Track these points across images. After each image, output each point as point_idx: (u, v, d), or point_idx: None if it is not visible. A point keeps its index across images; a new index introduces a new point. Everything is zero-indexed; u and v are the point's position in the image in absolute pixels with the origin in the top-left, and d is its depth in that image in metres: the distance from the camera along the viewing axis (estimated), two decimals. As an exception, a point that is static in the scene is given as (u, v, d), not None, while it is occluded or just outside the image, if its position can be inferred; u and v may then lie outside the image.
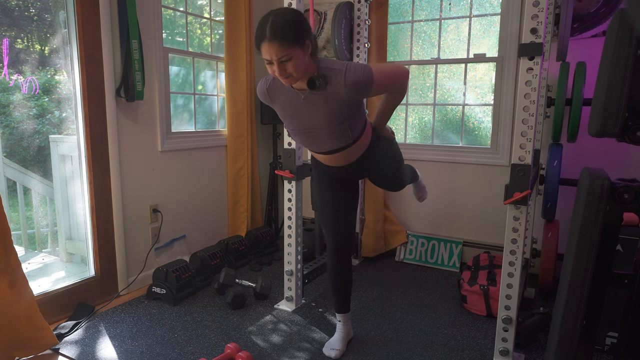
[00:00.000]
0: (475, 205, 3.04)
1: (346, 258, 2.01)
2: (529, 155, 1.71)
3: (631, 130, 0.98)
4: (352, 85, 1.56)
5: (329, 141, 1.72)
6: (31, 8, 2.63)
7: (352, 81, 1.56)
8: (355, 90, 1.58)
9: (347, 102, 1.62)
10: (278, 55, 1.48)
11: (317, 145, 1.77)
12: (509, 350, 1.86)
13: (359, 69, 1.56)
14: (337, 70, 1.58)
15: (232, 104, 3.18)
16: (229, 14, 3.08)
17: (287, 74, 1.53)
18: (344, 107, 1.63)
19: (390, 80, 1.63)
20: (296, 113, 1.70)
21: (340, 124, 1.66)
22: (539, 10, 1.62)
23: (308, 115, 1.67)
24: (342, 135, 1.69)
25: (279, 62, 1.50)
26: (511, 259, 1.80)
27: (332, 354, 1.94)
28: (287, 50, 1.47)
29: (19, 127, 2.82)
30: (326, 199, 1.97)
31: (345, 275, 2.03)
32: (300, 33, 1.50)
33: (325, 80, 1.59)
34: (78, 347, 2.01)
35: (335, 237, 1.98)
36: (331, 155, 1.79)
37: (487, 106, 3.01)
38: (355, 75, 1.56)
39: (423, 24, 3.16)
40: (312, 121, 1.68)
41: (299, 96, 1.66)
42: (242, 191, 3.32)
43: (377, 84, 1.59)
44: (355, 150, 1.78)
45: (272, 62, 1.51)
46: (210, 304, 2.46)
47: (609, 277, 1.04)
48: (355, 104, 1.66)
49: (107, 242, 2.48)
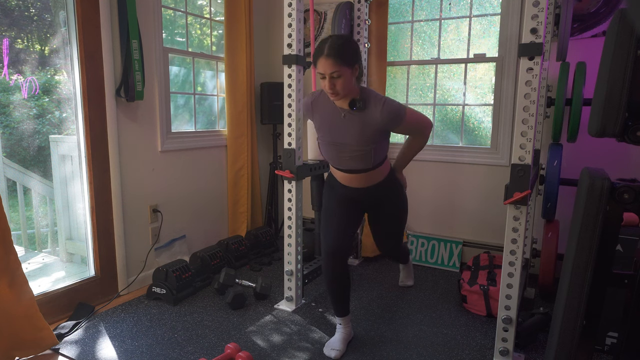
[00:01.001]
0: (475, 205, 3.04)
1: (343, 265, 2.00)
2: (529, 155, 1.71)
3: (631, 130, 0.98)
4: (387, 113, 1.81)
5: (352, 159, 1.92)
6: (31, 8, 2.63)
7: (389, 110, 1.81)
8: (389, 118, 1.82)
9: (379, 128, 1.84)
10: (331, 70, 1.73)
11: (341, 161, 1.96)
12: (509, 350, 1.86)
13: (396, 103, 1.84)
14: (377, 99, 1.84)
15: (232, 104, 3.18)
16: (229, 14, 3.08)
17: (335, 90, 1.77)
18: (375, 132, 1.85)
19: (418, 124, 1.92)
20: (333, 127, 1.92)
21: (367, 145, 1.87)
22: (539, 10, 1.62)
23: (343, 131, 1.89)
24: (366, 158, 1.90)
25: (330, 77, 1.74)
26: (511, 259, 1.80)
27: (332, 354, 1.94)
28: (339, 67, 1.72)
29: (19, 127, 2.82)
30: (334, 213, 2.05)
31: (342, 281, 2.02)
32: (352, 56, 1.77)
33: (365, 104, 1.83)
34: (78, 347, 2.01)
35: (334, 243, 2.00)
36: (350, 175, 1.98)
37: (487, 106, 3.01)
38: (392, 106, 1.82)
39: (423, 24, 3.16)
40: (344, 137, 1.89)
41: (339, 113, 1.90)
42: (242, 191, 3.32)
43: (408, 120, 1.86)
44: (372, 177, 1.97)
45: (325, 76, 1.75)
46: (210, 304, 2.46)
47: (609, 277, 1.04)
48: (384, 133, 1.89)
49: (107, 242, 2.48)
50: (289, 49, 2.23)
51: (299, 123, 2.31)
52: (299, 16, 2.20)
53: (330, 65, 1.72)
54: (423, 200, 3.19)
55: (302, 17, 2.23)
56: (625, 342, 1.10)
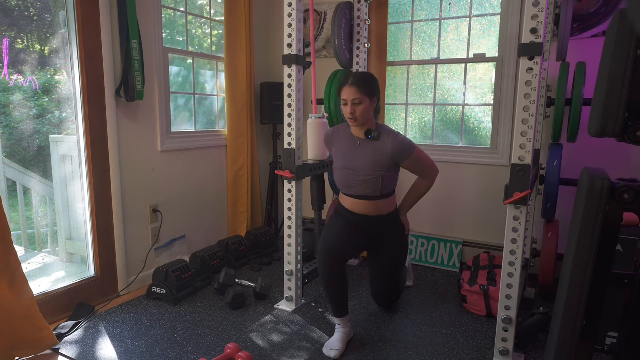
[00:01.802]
0: (475, 205, 3.04)
1: (341, 268, 2.01)
2: (529, 155, 1.71)
3: (631, 130, 0.98)
4: (398, 144, 2.03)
5: (362, 184, 2.08)
6: (31, 8, 2.63)
7: (400, 142, 2.03)
8: (399, 150, 2.02)
9: (389, 157, 2.04)
10: (353, 97, 1.97)
11: (351, 186, 2.12)
12: (509, 350, 1.86)
13: (407, 140, 2.06)
14: (390, 132, 2.07)
15: (232, 104, 3.18)
16: (229, 14, 3.08)
17: (355, 116, 2.00)
18: (384, 163, 2.05)
19: (426, 163, 2.13)
20: (348, 153, 2.12)
21: (378, 171, 2.05)
22: (539, 10, 1.62)
23: (356, 157, 2.09)
24: (375, 184, 2.07)
25: (352, 103, 1.98)
26: (511, 259, 1.80)
27: (332, 354, 1.94)
28: (360, 95, 1.97)
29: (19, 127, 2.82)
30: (337, 226, 2.14)
31: (339, 281, 2.01)
32: (373, 88, 2.02)
33: (379, 134, 2.06)
34: (78, 347, 2.01)
35: (331, 246, 2.01)
36: (358, 201, 2.13)
37: (487, 106, 3.01)
38: (403, 141, 2.04)
39: (423, 24, 3.16)
40: (357, 162, 2.08)
41: (355, 141, 2.12)
42: (242, 191, 3.32)
43: (416, 157, 2.07)
44: (379, 206, 2.12)
45: (347, 103, 1.99)
46: (210, 304, 2.46)
47: (609, 277, 1.04)
48: (393, 164, 2.07)
49: (107, 242, 2.48)
50: (289, 49, 2.23)
51: (299, 123, 2.31)
52: (299, 16, 2.20)
53: (353, 93, 1.96)
54: (423, 200, 3.17)
55: (302, 17, 2.23)
56: (625, 342, 1.10)
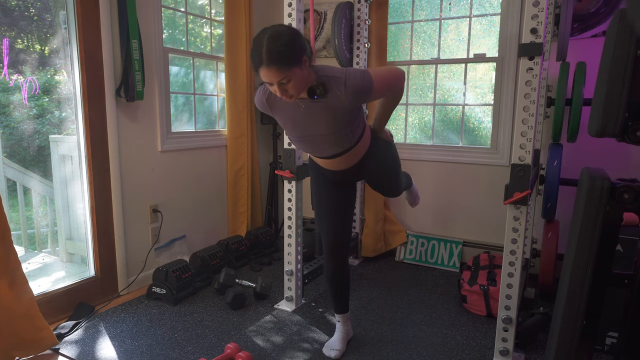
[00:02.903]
0: (475, 205, 3.04)
1: (343, 260, 2.00)
2: (529, 155, 1.71)
3: (631, 130, 0.98)
4: (352, 92, 1.56)
5: (330, 147, 1.74)
6: (31, 8, 2.63)
7: (353, 89, 1.55)
8: (356, 97, 1.58)
9: (347, 109, 1.62)
10: (277, 79, 1.48)
11: (319, 151, 1.79)
12: (509, 350, 1.86)
13: (358, 75, 1.56)
14: (336, 78, 1.58)
15: (232, 104, 3.18)
16: (229, 14, 3.08)
17: (288, 94, 1.53)
18: (344, 114, 1.63)
19: (389, 83, 1.63)
20: (297, 122, 1.70)
21: (341, 130, 1.67)
22: (539, 10, 1.62)
23: (309, 124, 1.68)
24: (344, 140, 1.71)
25: (279, 84, 1.50)
26: (511, 259, 1.80)
27: (332, 354, 1.94)
28: (286, 72, 1.47)
29: (19, 127, 2.82)
30: (323, 197, 1.96)
31: (342, 278, 2.01)
32: (296, 54, 1.48)
33: (325, 89, 1.58)
34: (78, 347, 2.01)
35: (332, 237, 1.96)
36: (331, 160, 1.81)
37: (487, 106, 3.01)
38: (355, 82, 1.55)
39: (423, 24, 3.16)
40: (313, 129, 1.68)
41: (299, 106, 1.67)
42: (242, 191, 3.32)
43: (377, 88, 1.59)
44: (355, 154, 1.80)
45: (273, 84, 1.51)
46: (210, 304, 2.46)
47: (609, 277, 1.04)
48: (355, 109, 1.67)
49: (107, 242, 2.48)
50: (289, 49, 2.22)
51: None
52: (299, 16, 2.20)
53: (275, 74, 1.47)
54: (423, 200, 3.19)
55: (302, 17, 2.23)
56: (625, 342, 1.10)
